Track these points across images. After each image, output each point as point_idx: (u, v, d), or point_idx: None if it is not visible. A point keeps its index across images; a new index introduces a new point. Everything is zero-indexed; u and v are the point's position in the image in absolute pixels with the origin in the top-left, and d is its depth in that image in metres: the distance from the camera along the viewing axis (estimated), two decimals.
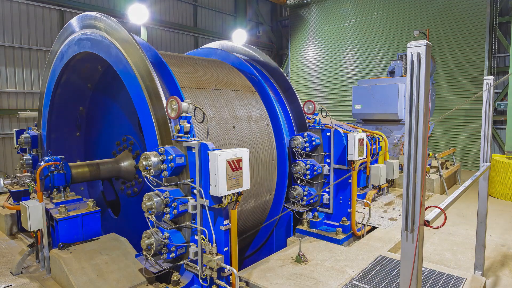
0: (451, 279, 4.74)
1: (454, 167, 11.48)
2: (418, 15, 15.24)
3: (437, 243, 6.67)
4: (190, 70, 5.95)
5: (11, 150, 11.64)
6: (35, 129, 7.09)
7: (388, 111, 11.08)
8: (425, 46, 2.47)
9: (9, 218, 7.00)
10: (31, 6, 11.81)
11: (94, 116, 6.90)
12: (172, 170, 4.17)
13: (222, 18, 18.49)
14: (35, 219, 4.97)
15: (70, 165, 5.72)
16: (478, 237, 5.12)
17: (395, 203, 8.98)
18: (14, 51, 11.55)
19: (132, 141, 6.14)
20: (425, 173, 2.62)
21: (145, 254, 4.20)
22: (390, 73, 12.02)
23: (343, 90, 17.92)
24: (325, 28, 18.59)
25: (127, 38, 4.93)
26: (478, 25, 13.83)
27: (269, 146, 6.28)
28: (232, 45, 7.85)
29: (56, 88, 6.43)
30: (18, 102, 11.77)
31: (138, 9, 13.08)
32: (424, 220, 2.70)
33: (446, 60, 14.59)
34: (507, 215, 8.39)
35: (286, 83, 7.07)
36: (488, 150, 4.94)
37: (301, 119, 6.76)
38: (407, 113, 2.59)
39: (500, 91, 13.60)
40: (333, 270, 5.13)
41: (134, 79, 4.82)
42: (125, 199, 6.29)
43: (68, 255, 4.78)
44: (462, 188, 3.91)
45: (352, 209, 6.29)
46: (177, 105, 4.28)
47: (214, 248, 4.03)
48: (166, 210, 4.12)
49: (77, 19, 5.87)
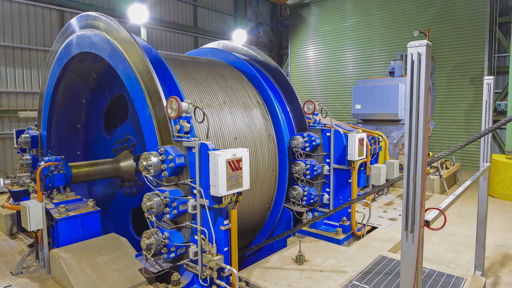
0: (451, 279, 4.74)
1: (454, 167, 11.48)
2: (418, 15, 15.24)
3: (437, 243, 6.66)
4: (190, 70, 5.95)
5: (11, 150, 11.64)
6: (35, 129, 7.08)
7: (388, 111, 11.08)
8: (425, 46, 2.47)
9: (9, 218, 6.99)
10: (31, 6, 11.81)
11: (94, 116, 6.89)
12: (172, 170, 4.17)
13: (222, 18, 18.49)
14: (35, 219, 4.97)
15: (70, 165, 5.72)
16: (478, 237, 5.11)
17: (395, 203, 8.98)
18: (14, 51, 11.55)
19: (132, 142, 6.14)
20: (425, 173, 2.62)
21: (145, 254, 4.20)
22: (390, 73, 12.02)
23: (343, 90, 17.91)
24: (325, 28, 18.58)
25: (127, 38, 4.93)
26: (478, 25, 13.82)
27: (269, 146, 6.28)
28: (232, 45, 7.85)
29: (56, 88, 6.43)
30: (18, 102, 11.77)
31: (138, 9, 13.08)
32: (424, 221, 2.70)
33: (446, 60, 14.59)
34: (507, 215, 8.39)
35: (286, 83, 7.06)
36: (488, 150, 4.93)
37: (301, 119, 6.76)
38: (407, 113, 2.59)
39: (500, 91, 13.60)
40: (333, 270, 5.13)
41: (134, 79, 4.82)
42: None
43: (68, 255, 4.78)
44: (462, 188, 3.91)
45: (352, 209, 6.29)
46: (177, 105, 4.28)
47: (214, 248, 4.02)
48: (166, 210, 4.12)
49: (77, 19, 5.87)
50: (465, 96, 14.22)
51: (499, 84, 13.73)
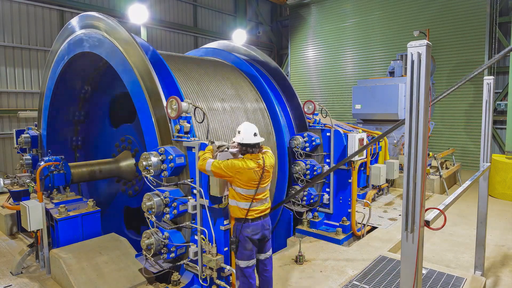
0: (451, 279, 4.74)
1: (454, 167, 11.47)
2: (418, 15, 15.23)
3: (437, 243, 6.66)
4: (190, 70, 5.95)
5: (11, 150, 11.63)
6: (35, 129, 7.08)
7: (388, 111, 11.07)
8: (425, 46, 2.47)
9: (9, 218, 6.99)
10: (31, 6, 11.80)
11: (94, 116, 6.89)
12: (172, 170, 4.17)
13: (222, 18, 18.48)
14: (35, 219, 4.96)
15: (70, 165, 5.72)
16: (478, 237, 5.11)
17: (395, 203, 8.97)
18: (14, 51, 11.54)
19: (131, 141, 6.14)
20: (426, 173, 2.62)
21: (145, 254, 4.20)
22: (390, 73, 12.02)
23: (343, 90, 17.90)
24: (325, 28, 18.58)
25: (127, 38, 4.93)
26: (478, 25, 13.81)
27: (269, 145, 6.28)
28: (232, 45, 7.85)
29: (56, 88, 6.43)
30: (18, 102, 11.77)
31: (138, 9, 13.07)
32: (424, 221, 2.70)
33: (446, 60, 14.58)
34: (507, 215, 8.39)
35: (286, 83, 7.06)
36: (488, 150, 4.93)
37: (301, 119, 6.76)
38: (407, 113, 2.59)
39: (500, 91, 13.60)
40: (333, 270, 5.13)
41: (134, 79, 4.82)
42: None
43: (68, 255, 4.78)
44: (462, 188, 3.91)
45: (352, 209, 6.29)
46: (177, 105, 4.28)
47: (214, 248, 4.02)
48: (166, 210, 4.12)
49: (77, 19, 5.87)
50: (465, 96, 14.21)
51: (499, 84, 13.71)
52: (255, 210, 3.88)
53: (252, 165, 3.80)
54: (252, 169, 3.78)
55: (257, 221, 3.89)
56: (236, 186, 3.81)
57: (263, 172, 3.85)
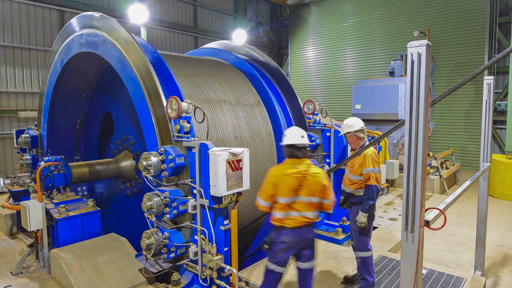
0: (451, 279, 4.74)
1: (454, 167, 11.47)
2: (418, 15, 15.23)
3: (437, 243, 6.66)
4: (190, 70, 5.95)
5: (11, 150, 11.63)
6: (35, 129, 7.08)
7: (388, 111, 11.07)
8: (425, 46, 2.47)
9: (9, 218, 6.99)
10: (31, 6, 11.80)
11: (94, 115, 6.89)
12: (172, 170, 4.17)
13: (222, 18, 18.48)
14: (35, 219, 4.96)
15: (70, 165, 5.71)
16: (478, 237, 5.11)
17: (395, 203, 8.98)
18: (14, 51, 11.54)
19: (132, 141, 6.13)
20: (426, 173, 2.62)
21: (145, 254, 4.20)
22: (390, 73, 12.02)
23: (343, 90, 17.90)
24: (325, 28, 18.58)
25: (127, 38, 4.92)
26: (478, 25, 13.81)
27: (269, 146, 6.28)
28: (232, 45, 7.85)
29: (56, 88, 6.43)
30: (18, 102, 11.77)
31: (138, 9, 13.07)
32: (424, 221, 2.70)
33: (446, 60, 14.58)
34: (507, 215, 8.39)
35: (286, 83, 7.06)
36: (488, 150, 4.93)
37: (301, 119, 6.75)
38: (407, 113, 2.59)
39: (500, 91, 13.60)
40: (333, 270, 5.12)
41: (134, 79, 4.81)
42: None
43: (68, 255, 4.78)
44: (462, 188, 3.91)
45: None
46: (177, 105, 4.28)
47: (214, 248, 4.02)
48: (166, 210, 4.12)
49: (77, 19, 5.87)
50: (465, 96, 14.21)
51: (499, 84, 13.71)
52: (292, 219, 3.63)
53: (290, 171, 3.60)
54: (290, 175, 3.58)
55: (294, 230, 3.63)
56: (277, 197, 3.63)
57: (303, 179, 3.59)
